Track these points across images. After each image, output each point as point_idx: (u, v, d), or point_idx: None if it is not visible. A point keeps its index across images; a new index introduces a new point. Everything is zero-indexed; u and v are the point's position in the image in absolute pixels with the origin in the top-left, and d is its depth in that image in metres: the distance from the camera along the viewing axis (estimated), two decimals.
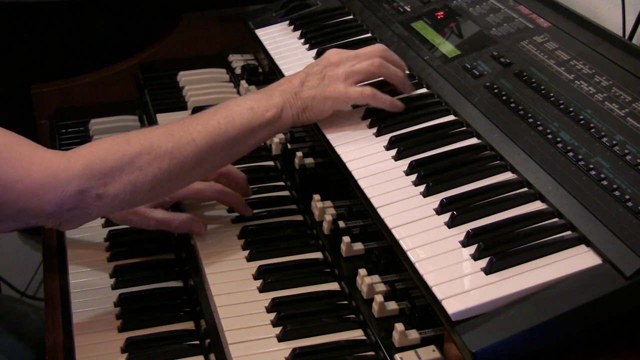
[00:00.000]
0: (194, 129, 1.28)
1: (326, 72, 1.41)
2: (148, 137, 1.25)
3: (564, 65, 1.37)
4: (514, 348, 1.00)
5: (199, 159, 1.28)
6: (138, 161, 1.22)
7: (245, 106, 1.33)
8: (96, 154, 1.20)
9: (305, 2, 1.90)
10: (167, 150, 1.24)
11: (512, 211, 1.17)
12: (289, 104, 1.36)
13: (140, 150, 1.22)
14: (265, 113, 1.33)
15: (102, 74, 2.05)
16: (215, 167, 1.40)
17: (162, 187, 1.27)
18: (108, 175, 1.19)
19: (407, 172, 1.28)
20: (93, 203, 1.19)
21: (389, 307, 1.24)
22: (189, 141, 1.26)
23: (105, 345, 1.31)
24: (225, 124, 1.30)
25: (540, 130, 1.26)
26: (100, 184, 1.19)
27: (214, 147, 1.29)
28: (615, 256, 1.04)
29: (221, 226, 1.50)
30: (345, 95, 1.39)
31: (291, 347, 1.21)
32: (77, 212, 1.19)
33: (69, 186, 1.16)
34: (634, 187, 1.11)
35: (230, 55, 2.06)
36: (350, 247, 1.36)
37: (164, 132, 1.27)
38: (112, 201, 1.21)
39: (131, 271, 1.47)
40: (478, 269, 1.07)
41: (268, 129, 1.35)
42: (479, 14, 1.59)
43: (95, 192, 1.19)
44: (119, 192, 1.21)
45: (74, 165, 1.17)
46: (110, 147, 1.22)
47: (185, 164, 1.26)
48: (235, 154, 1.36)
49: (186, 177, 1.31)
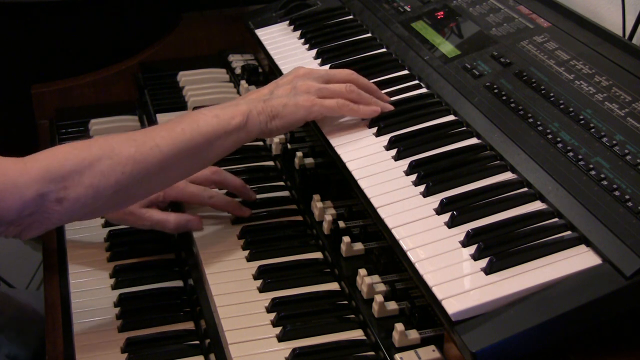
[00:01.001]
0: (158, 134, 1.27)
1: (297, 82, 1.39)
2: (109, 142, 1.23)
3: (564, 65, 1.37)
4: (514, 348, 1.00)
5: (163, 165, 1.26)
6: (99, 165, 1.19)
7: (210, 114, 1.32)
8: (54, 157, 1.18)
9: (305, 2, 1.90)
10: (130, 155, 1.22)
11: (512, 211, 1.17)
12: (255, 111, 1.34)
13: (101, 155, 1.20)
14: (230, 120, 1.31)
15: (102, 74, 2.05)
16: (183, 175, 1.37)
17: (126, 193, 1.25)
18: (68, 179, 1.17)
19: (407, 172, 1.28)
20: (53, 207, 1.16)
21: (389, 307, 1.24)
22: (152, 147, 1.24)
23: (105, 345, 1.31)
24: (190, 130, 1.28)
25: (540, 130, 1.26)
26: (60, 188, 1.16)
27: (178, 154, 1.27)
28: (615, 256, 1.04)
29: (221, 226, 1.50)
30: (321, 105, 1.37)
31: (291, 347, 1.21)
32: (37, 217, 1.16)
33: (28, 191, 1.13)
34: (634, 187, 1.11)
35: (230, 55, 2.06)
36: (350, 247, 1.36)
37: (126, 138, 1.25)
38: (73, 205, 1.18)
39: (131, 271, 1.46)
40: (478, 269, 1.07)
41: (234, 137, 1.33)
42: (479, 14, 1.59)
43: (55, 196, 1.16)
44: (80, 196, 1.18)
45: (32, 169, 1.15)
46: (69, 151, 1.20)
47: (149, 170, 1.24)
48: (201, 161, 1.34)
49: (152, 183, 1.28)
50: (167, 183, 1.36)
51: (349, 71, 1.45)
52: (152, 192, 1.35)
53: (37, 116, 2.02)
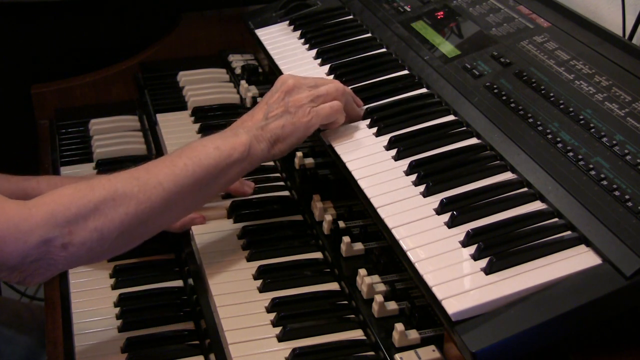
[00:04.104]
0: (160, 171, 1.24)
1: (289, 98, 1.36)
2: (112, 182, 1.20)
3: (564, 65, 1.37)
4: (514, 348, 1.00)
5: (167, 203, 1.23)
6: (103, 207, 1.17)
7: (211, 146, 1.29)
8: (59, 202, 1.15)
9: (305, 2, 1.90)
10: (133, 194, 1.19)
11: (512, 211, 1.17)
12: (256, 140, 1.32)
13: (105, 196, 1.17)
14: (232, 152, 1.29)
15: (102, 74, 2.05)
16: (188, 210, 1.35)
17: (131, 234, 1.22)
18: (72, 223, 1.14)
19: (407, 172, 1.28)
20: (59, 253, 1.14)
21: (389, 307, 1.24)
22: (155, 185, 1.22)
23: (105, 345, 1.31)
24: (192, 165, 1.25)
25: (540, 130, 1.26)
26: (65, 233, 1.13)
27: (182, 190, 1.24)
28: (615, 256, 1.04)
29: (221, 226, 1.50)
30: (318, 116, 1.35)
31: (291, 347, 1.21)
32: (42, 263, 1.13)
33: (31, 237, 1.11)
34: (634, 187, 1.11)
35: (230, 55, 2.06)
36: (350, 247, 1.36)
37: (128, 177, 1.22)
38: (78, 250, 1.15)
39: (131, 271, 1.47)
40: (478, 269, 1.07)
41: (238, 168, 1.31)
42: (479, 14, 1.59)
43: (61, 242, 1.13)
44: (85, 240, 1.15)
45: (36, 214, 1.12)
46: (73, 194, 1.17)
47: (153, 209, 1.21)
48: (206, 195, 1.32)
49: (157, 221, 1.25)
50: (172, 220, 1.34)
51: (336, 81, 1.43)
52: (157, 231, 1.30)
53: (37, 116, 2.02)
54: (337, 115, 1.38)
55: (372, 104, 1.46)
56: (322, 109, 1.36)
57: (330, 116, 1.37)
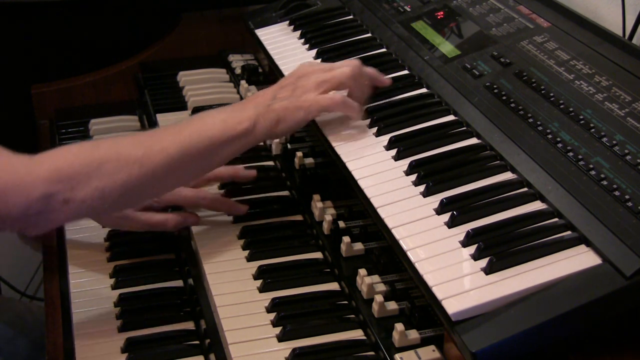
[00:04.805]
0: (165, 138, 1.28)
1: (298, 83, 1.40)
2: (117, 144, 1.24)
3: (564, 65, 1.37)
4: (514, 348, 1.00)
5: (169, 169, 1.27)
6: (106, 167, 1.20)
7: (218, 118, 1.33)
8: (63, 158, 1.19)
9: (305, 2, 1.90)
10: (137, 158, 1.23)
11: (512, 211, 1.17)
12: (262, 117, 1.35)
13: (109, 156, 1.21)
14: (237, 126, 1.32)
15: (102, 74, 2.05)
16: (188, 179, 1.39)
17: (132, 196, 1.26)
18: (75, 180, 1.18)
19: (407, 172, 1.28)
20: (60, 208, 1.17)
21: (389, 307, 1.24)
22: (159, 150, 1.25)
23: (105, 345, 1.31)
24: (197, 134, 1.29)
25: (540, 130, 1.26)
26: (67, 189, 1.17)
27: (185, 157, 1.28)
28: (615, 256, 1.04)
29: (221, 226, 1.50)
30: (317, 104, 1.37)
31: (291, 347, 1.21)
32: (44, 216, 1.17)
33: (35, 191, 1.15)
34: (634, 187, 1.11)
35: (230, 55, 2.06)
36: (350, 247, 1.36)
37: (133, 141, 1.26)
38: (79, 206, 1.19)
39: (131, 271, 1.46)
40: (478, 269, 1.07)
41: (241, 142, 1.34)
42: (479, 14, 1.59)
43: (62, 197, 1.17)
44: (86, 197, 1.19)
45: (40, 168, 1.16)
46: (78, 152, 1.21)
47: (155, 173, 1.25)
48: (206, 166, 1.36)
49: (158, 186, 1.30)
50: (173, 186, 1.37)
51: (354, 62, 1.44)
52: (157, 195, 1.36)
53: (37, 116, 2.01)
54: (337, 107, 1.39)
55: (372, 104, 1.45)
56: (322, 98, 1.38)
57: (329, 107, 1.39)
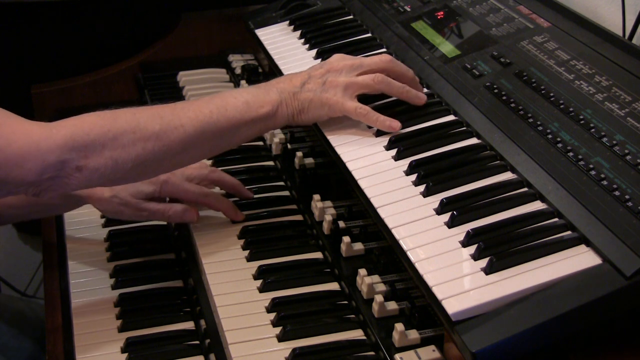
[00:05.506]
0: (185, 114, 1.28)
1: (328, 77, 1.39)
2: (136, 116, 1.25)
3: (564, 65, 1.37)
4: (514, 348, 1.00)
5: (185, 145, 1.27)
6: (122, 139, 1.21)
7: (241, 99, 1.33)
8: (80, 126, 1.20)
9: (305, 2, 1.90)
10: (154, 132, 1.24)
11: (512, 211, 1.17)
12: (285, 103, 1.35)
13: (126, 128, 1.22)
14: (259, 109, 1.33)
15: (102, 74, 2.05)
16: (202, 156, 1.39)
17: (145, 168, 1.26)
18: (90, 149, 1.19)
19: (407, 172, 1.28)
20: (73, 174, 1.19)
21: (389, 307, 1.24)
22: (177, 126, 1.26)
23: (105, 345, 1.31)
24: (217, 113, 1.29)
25: (540, 130, 1.26)
26: (81, 156, 1.18)
27: (202, 136, 1.28)
28: (615, 256, 1.04)
29: (221, 226, 1.50)
30: (342, 106, 1.37)
31: (291, 347, 1.21)
32: (56, 181, 1.18)
33: (50, 156, 1.16)
34: (634, 187, 1.11)
35: (230, 55, 2.06)
36: (350, 247, 1.36)
37: (153, 114, 1.26)
38: (91, 174, 1.20)
39: (131, 271, 1.47)
40: (478, 269, 1.07)
41: (260, 125, 1.34)
42: (479, 14, 1.59)
43: (76, 164, 1.18)
44: (99, 166, 1.20)
45: (56, 135, 1.17)
46: (95, 121, 1.22)
47: (170, 148, 1.26)
48: (223, 145, 1.35)
49: (171, 161, 1.30)
50: (186, 162, 1.37)
51: (386, 58, 1.43)
52: (171, 169, 1.37)
53: (37, 116, 2.01)
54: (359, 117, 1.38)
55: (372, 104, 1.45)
56: (348, 104, 1.37)
57: (351, 114, 1.38)
